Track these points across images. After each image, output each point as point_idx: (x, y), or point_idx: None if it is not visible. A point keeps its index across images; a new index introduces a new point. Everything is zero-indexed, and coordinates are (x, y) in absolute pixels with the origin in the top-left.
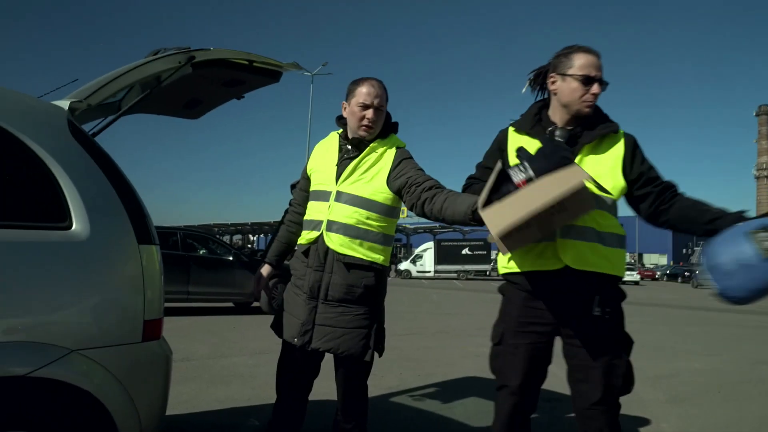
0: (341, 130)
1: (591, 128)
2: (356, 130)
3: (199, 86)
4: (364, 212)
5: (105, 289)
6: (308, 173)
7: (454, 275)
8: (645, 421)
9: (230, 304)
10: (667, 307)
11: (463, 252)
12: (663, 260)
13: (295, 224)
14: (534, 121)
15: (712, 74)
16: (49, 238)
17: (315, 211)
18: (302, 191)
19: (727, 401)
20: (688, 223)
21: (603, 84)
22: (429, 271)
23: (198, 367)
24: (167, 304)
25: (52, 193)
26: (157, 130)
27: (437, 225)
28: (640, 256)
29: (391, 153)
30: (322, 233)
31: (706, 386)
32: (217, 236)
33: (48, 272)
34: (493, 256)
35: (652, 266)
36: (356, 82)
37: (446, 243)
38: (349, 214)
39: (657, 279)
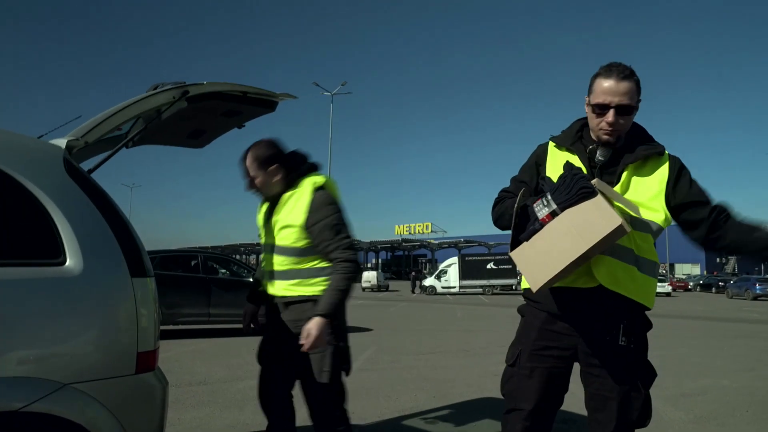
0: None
1: (631, 149)
2: None
3: (201, 117)
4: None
5: (97, 322)
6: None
7: (480, 290)
8: None
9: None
10: (699, 319)
11: (489, 266)
12: (696, 270)
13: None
14: (575, 138)
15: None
16: (43, 275)
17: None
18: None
19: (756, 421)
20: (748, 248)
21: (624, 110)
22: (454, 287)
23: (214, 390)
24: (189, 327)
25: (46, 231)
26: (182, 154)
27: (462, 239)
28: (672, 266)
29: (305, 199)
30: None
31: (734, 405)
32: (243, 255)
33: (41, 308)
34: (518, 270)
35: (684, 276)
36: None
37: (471, 258)
38: (280, 262)
39: (690, 290)
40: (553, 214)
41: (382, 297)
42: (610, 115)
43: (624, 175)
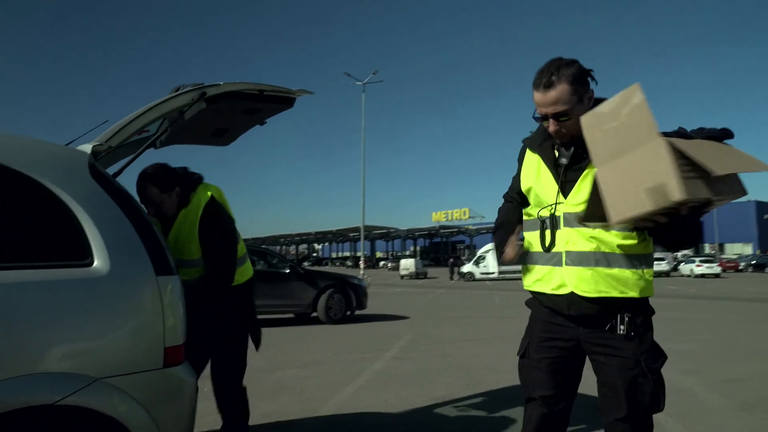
0: None
1: None
2: None
3: (222, 117)
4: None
5: (125, 319)
6: None
7: (519, 275)
8: (703, 429)
9: (291, 315)
10: (751, 301)
11: None
12: (748, 249)
13: None
14: (544, 136)
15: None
16: (72, 276)
17: None
18: None
19: None
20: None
21: (561, 115)
22: (493, 273)
23: (250, 380)
24: None
25: (74, 234)
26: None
27: None
28: (721, 246)
29: (197, 215)
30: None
31: None
32: (283, 246)
33: (71, 307)
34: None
35: (735, 256)
36: None
37: None
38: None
39: (741, 270)
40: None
41: (420, 284)
42: (551, 124)
43: (588, 170)
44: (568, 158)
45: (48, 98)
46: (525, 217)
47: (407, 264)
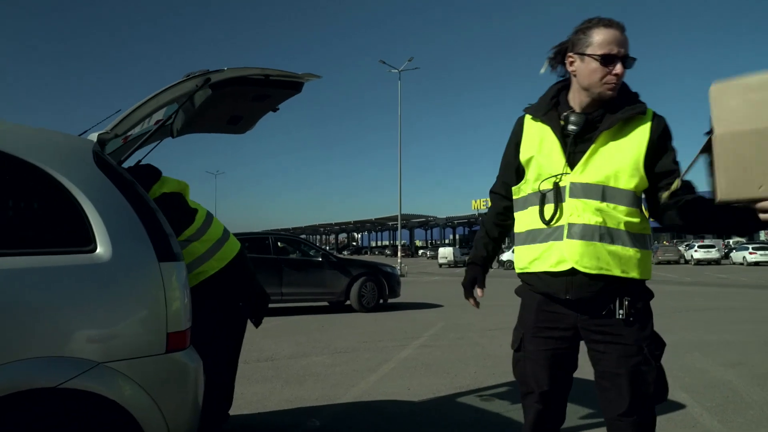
0: None
1: (615, 111)
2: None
3: (234, 104)
4: None
5: (127, 305)
6: None
7: None
8: (746, 427)
9: (325, 303)
10: None
11: None
12: None
13: None
14: (550, 105)
15: None
16: (76, 262)
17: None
18: None
19: None
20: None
21: (628, 61)
22: None
23: (278, 366)
24: None
25: (77, 221)
26: (261, 142)
27: None
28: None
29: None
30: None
31: None
32: (323, 235)
33: (74, 292)
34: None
35: None
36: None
37: None
38: None
39: None
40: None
41: (458, 273)
42: (619, 67)
43: (599, 140)
44: (579, 126)
45: (67, 91)
46: (517, 196)
47: (445, 252)
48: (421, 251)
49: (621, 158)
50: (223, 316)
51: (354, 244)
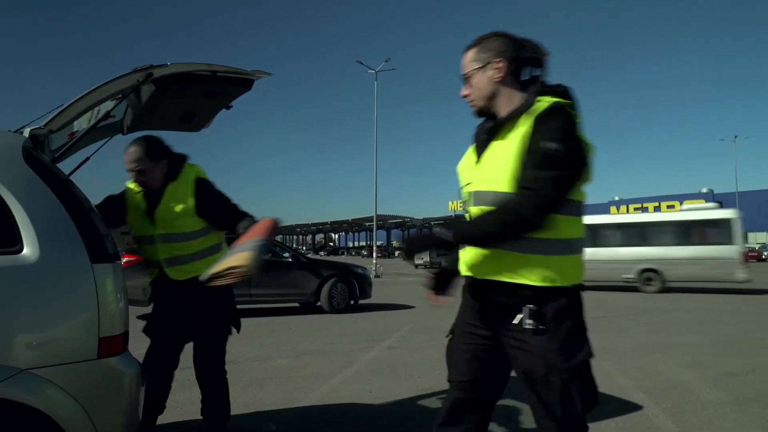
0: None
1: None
2: None
3: (185, 100)
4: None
5: (56, 308)
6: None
7: None
8: (700, 427)
9: (296, 305)
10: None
11: None
12: None
13: None
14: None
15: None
16: None
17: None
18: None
19: None
20: None
21: (464, 80)
22: None
23: (240, 370)
24: None
25: (2, 220)
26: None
27: None
28: (744, 235)
29: (190, 189)
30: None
31: None
32: (300, 235)
33: None
34: None
35: (758, 246)
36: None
37: None
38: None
39: (764, 260)
40: None
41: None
42: (462, 89)
43: (492, 145)
44: (487, 132)
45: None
46: None
47: (422, 254)
48: (397, 252)
49: (497, 160)
50: (229, 310)
51: (331, 244)
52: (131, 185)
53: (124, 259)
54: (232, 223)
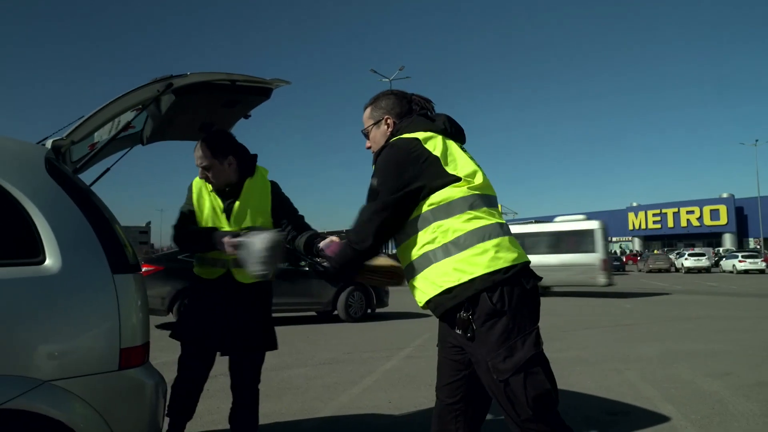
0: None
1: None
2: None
3: (204, 110)
4: None
5: (77, 319)
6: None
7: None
8: None
9: (313, 313)
10: None
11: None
12: None
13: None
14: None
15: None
16: (22, 274)
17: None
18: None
19: None
20: None
21: (365, 135)
22: None
23: None
24: None
25: (25, 231)
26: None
27: (533, 220)
28: (766, 241)
29: (267, 188)
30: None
31: None
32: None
33: (19, 306)
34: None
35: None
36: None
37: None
38: None
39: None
40: None
41: None
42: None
43: None
44: None
45: (29, 97)
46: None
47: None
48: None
49: None
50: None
51: None
52: (198, 182)
53: (143, 269)
54: (296, 230)
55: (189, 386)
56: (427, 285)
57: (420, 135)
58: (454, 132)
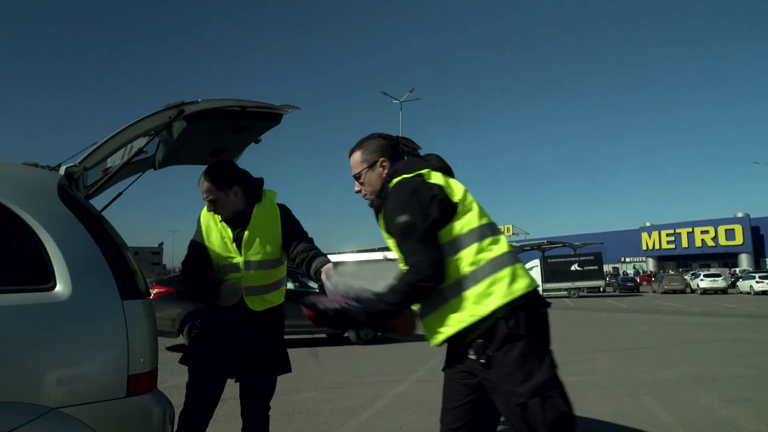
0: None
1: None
2: None
3: (214, 136)
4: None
5: (85, 345)
6: None
7: (565, 293)
8: None
9: (323, 336)
10: None
11: (573, 268)
12: None
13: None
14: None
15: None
16: (32, 300)
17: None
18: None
19: None
20: None
21: (356, 179)
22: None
23: None
24: None
25: (36, 257)
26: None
27: (545, 241)
28: None
29: (277, 215)
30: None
31: None
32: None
33: (29, 332)
34: (606, 271)
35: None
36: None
37: (554, 260)
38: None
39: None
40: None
41: None
42: (355, 186)
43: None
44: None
45: (45, 122)
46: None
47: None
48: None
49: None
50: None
51: None
52: (206, 214)
53: (154, 291)
54: (306, 255)
55: (197, 412)
56: (444, 325)
57: (423, 172)
58: (446, 169)
